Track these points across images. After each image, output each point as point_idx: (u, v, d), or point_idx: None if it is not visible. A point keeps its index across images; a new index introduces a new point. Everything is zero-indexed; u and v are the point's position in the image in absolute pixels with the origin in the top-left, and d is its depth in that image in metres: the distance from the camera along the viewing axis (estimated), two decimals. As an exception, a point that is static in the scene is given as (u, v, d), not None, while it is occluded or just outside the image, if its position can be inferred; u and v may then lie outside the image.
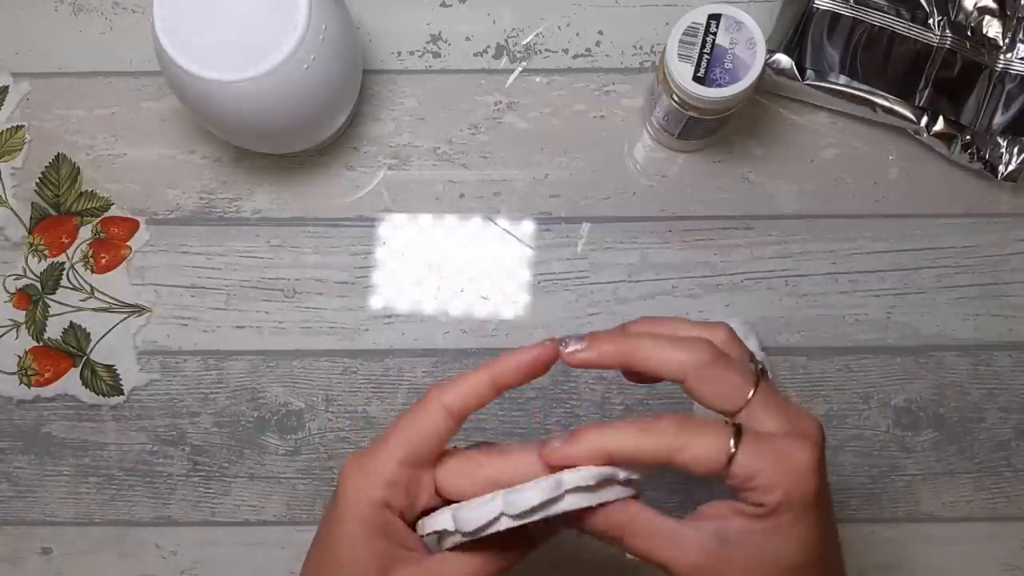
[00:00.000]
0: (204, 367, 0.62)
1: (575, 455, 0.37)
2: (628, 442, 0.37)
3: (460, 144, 0.63)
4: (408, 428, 0.40)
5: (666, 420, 0.37)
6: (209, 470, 0.61)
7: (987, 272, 0.62)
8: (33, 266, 0.62)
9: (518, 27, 0.63)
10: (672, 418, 0.37)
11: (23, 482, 0.61)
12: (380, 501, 0.39)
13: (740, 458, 0.36)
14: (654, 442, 0.37)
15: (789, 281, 0.62)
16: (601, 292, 0.62)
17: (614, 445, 0.37)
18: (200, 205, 0.62)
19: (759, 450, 0.36)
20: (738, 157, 0.63)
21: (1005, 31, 0.61)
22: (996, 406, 0.61)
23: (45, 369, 0.61)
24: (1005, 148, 0.60)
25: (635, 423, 0.37)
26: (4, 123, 0.63)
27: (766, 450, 0.36)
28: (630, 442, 0.37)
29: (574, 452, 0.37)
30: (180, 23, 0.50)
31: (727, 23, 0.54)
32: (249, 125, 0.54)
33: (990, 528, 0.61)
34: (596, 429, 0.38)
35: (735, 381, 0.38)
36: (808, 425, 0.38)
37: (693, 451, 0.36)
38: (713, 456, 0.36)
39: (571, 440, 0.37)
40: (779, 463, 0.36)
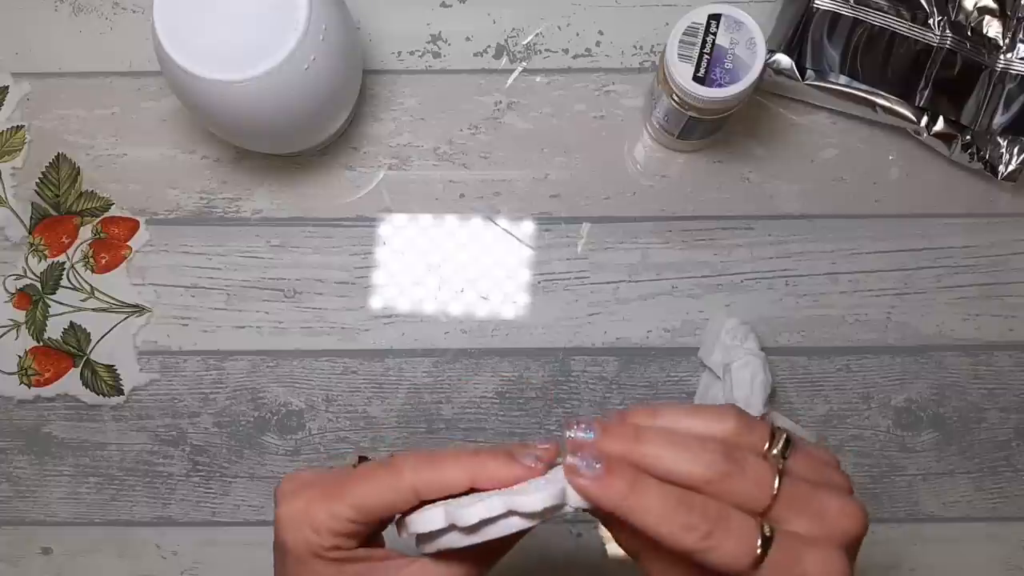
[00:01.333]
0: (204, 367, 0.62)
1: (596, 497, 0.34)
2: (654, 523, 0.34)
3: (460, 144, 0.63)
4: (370, 495, 0.37)
5: (699, 514, 0.33)
6: (209, 470, 0.61)
7: (987, 272, 0.62)
8: (33, 266, 0.62)
9: (518, 27, 0.63)
10: (702, 516, 0.33)
11: (23, 482, 0.61)
12: (331, 548, 0.37)
13: (764, 572, 0.33)
14: (680, 538, 0.33)
15: (789, 281, 0.62)
16: (601, 292, 0.62)
17: (639, 517, 0.34)
18: (200, 205, 0.62)
19: (785, 566, 0.34)
20: (738, 157, 0.63)
21: (1005, 31, 0.61)
22: (996, 406, 0.61)
23: (45, 369, 0.61)
24: (1005, 148, 0.60)
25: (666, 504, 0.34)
26: (4, 123, 0.63)
27: (792, 567, 0.34)
28: (656, 524, 0.34)
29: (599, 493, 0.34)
30: (180, 23, 0.50)
31: (727, 23, 0.54)
32: (249, 125, 0.54)
33: (990, 528, 0.61)
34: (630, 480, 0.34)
35: (749, 491, 0.34)
36: (848, 525, 0.35)
37: (714, 558, 0.33)
38: (736, 564, 0.33)
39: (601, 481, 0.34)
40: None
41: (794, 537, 0.34)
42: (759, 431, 0.36)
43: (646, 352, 0.62)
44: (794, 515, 0.35)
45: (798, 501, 0.35)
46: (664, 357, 0.62)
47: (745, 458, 0.35)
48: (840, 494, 0.36)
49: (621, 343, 0.61)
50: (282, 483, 0.39)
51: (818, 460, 0.37)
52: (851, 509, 0.35)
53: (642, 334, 0.62)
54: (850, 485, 0.37)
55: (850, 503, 0.35)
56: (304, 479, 0.39)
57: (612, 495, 0.34)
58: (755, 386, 0.57)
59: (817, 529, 0.35)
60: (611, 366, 0.61)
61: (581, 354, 0.61)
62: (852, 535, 0.35)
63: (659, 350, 0.62)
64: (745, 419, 0.37)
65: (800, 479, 0.35)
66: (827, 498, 0.35)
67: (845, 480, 0.37)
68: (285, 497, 0.38)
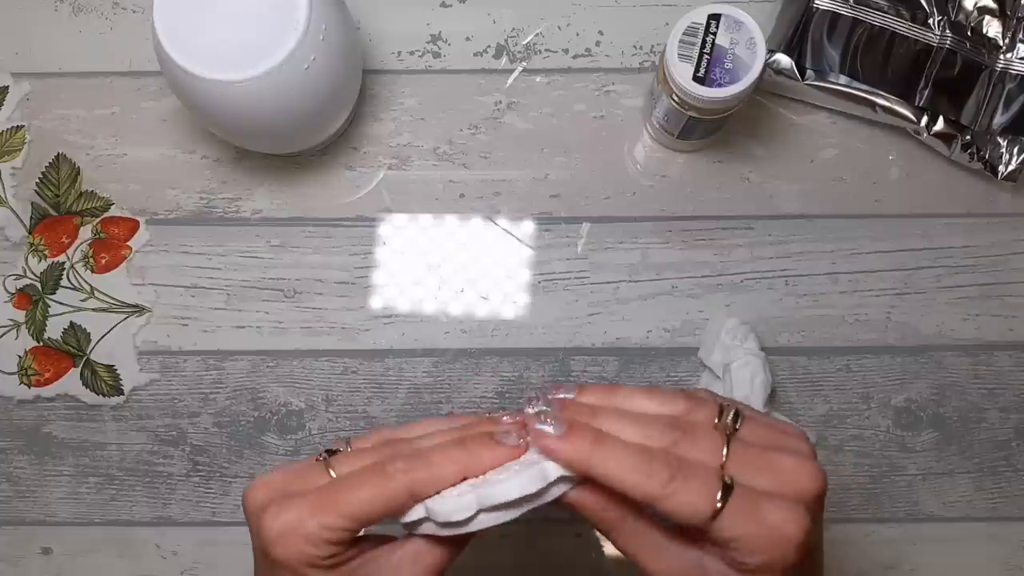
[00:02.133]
0: (204, 367, 0.62)
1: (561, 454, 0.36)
2: (617, 471, 0.35)
3: (460, 144, 0.63)
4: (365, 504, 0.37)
5: (660, 462, 0.35)
6: (209, 470, 0.61)
7: (987, 272, 0.62)
8: (33, 266, 0.62)
9: (518, 27, 0.63)
10: (664, 463, 0.35)
11: (23, 482, 0.61)
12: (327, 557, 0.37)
13: (724, 520, 0.34)
14: (643, 485, 0.35)
15: (789, 281, 0.62)
16: (601, 292, 0.62)
17: (602, 468, 0.35)
18: (200, 205, 0.62)
19: (744, 514, 0.35)
20: (738, 157, 0.63)
21: (1005, 31, 0.61)
22: (996, 406, 0.61)
23: (45, 369, 0.61)
24: (1005, 148, 0.60)
25: (628, 455, 0.35)
26: (4, 123, 0.63)
27: (752, 515, 0.35)
28: (619, 473, 0.35)
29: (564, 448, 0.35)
30: (180, 23, 0.50)
31: (727, 23, 0.54)
32: (249, 125, 0.54)
33: (990, 528, 0.61)
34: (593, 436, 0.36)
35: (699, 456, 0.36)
36: (805, 482, 0.36)
37: (677, 502, 0.34)
38: (697, 512, 0.34)
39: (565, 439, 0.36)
40: (764, 531, 0.35)
41: (753, 492, 0.35)
42: (708, 407, 0.38)
43: (646, 352, 0.62)
44: (747, 473, 0.35)
45: (749, 461, 0.36)
46: (664, 357, 0.62)
47: (694, 428, 0.37)
48: (794, 455, 0.36)
49: (621, 343, 0.61)
50: (254, 491, 0.38)
51: (772, 428, 0.38)
52: (807, 467, 0.36)
53: (642, 334, 0.62)
54: (812, 451, 0.38)
55: (805, 462, 0.36)
56: (278, 486, 0.38)
57: (577, 449, 0.35)
58: (755, 386, 0.57)
59: (774, 485, 0.35)
60: (611, 366, 0.61)
61: (581, 354, 0.61)
62: (810, 492, 0.36)
63: (659, 350, 0.62)
64: (694, 399, 0.38)
65: (751, 444, 0.37)
66: (780, 457, 0.36)
67: (805, 446, 0.38)
68: (267, 510, 0.37)
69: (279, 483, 0.38)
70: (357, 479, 0.37)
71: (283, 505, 0.37)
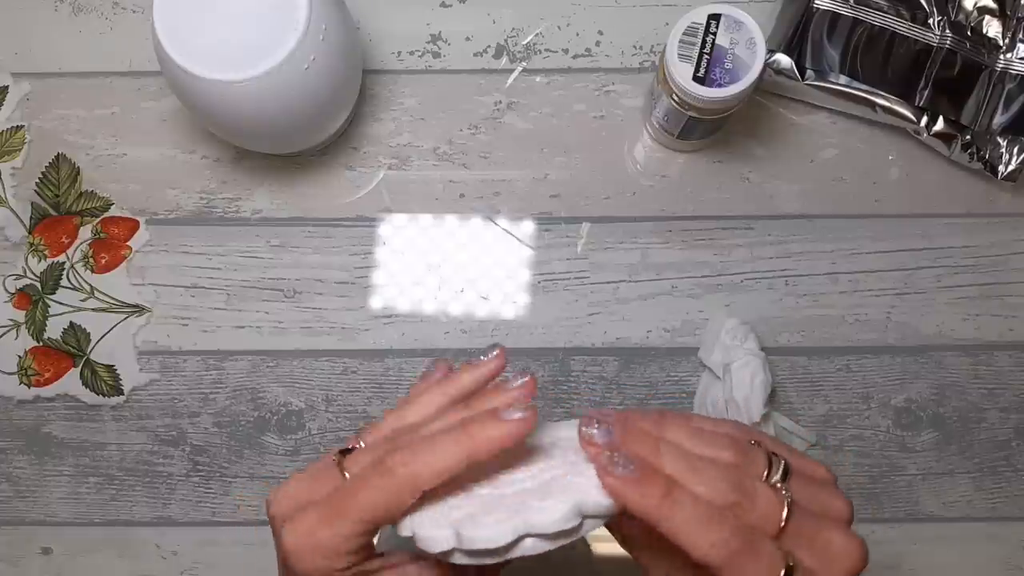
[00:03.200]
0: (204, 367, 0.62)
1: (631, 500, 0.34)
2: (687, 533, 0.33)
3: (460, 144, 0.63)
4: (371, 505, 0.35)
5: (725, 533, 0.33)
6: (209, 470, 0.61)
7: (987, 272, 0.62)
8: (33, 266, 0.62)
9: (518, 27, 0.63)
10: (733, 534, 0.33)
11: (23, 482, 0.61)
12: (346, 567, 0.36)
13: None
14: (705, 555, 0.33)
15: (789, 281, 0.62)
16: (601, 292, 0.62)
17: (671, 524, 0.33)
18: (200, 205, 0.62)
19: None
20: (738, 157, 0.63)
21: (1005, 31, 0.61)
22: (996, 406, 0.61)
23: (45, 369, 0.61)
24: (1005, 148, 0.60)
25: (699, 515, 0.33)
26: (4, 123, 0.63)
27: None
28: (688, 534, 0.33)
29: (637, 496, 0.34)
30: (180, 23, 0.50)
31: (727, 23, 0.54)
32: (249, 125, 0.54)
33: (990, 528, 0.61)
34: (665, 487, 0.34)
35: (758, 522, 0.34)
36: (852, 563, 0.35)
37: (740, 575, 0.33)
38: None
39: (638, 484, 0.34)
40: None
41: (807, 572, 0.34)
42: (758, 459, 0.36)
43: (646, 352, 0.62)
44: (799, 549, 0.35)
45: (805, 535, 0.35)
46: (664, 357, 0.61)
47: (755, 488, 0.35)
48: (842, 529, 0.36)
49: (621, 343, 0.61)
50: (276, 502, 0.38)
51: (816, 483, 0.37)
52: (853, 547, 0.35)
53: (642, 334, 0.62)
54: (850, 511, 0.37)
55: (852, 541, 0.35)
56: (296, 496, 0.37)
57: (647, 499, 0.34)
58: (755, 386, 0.57)
59: (823, 567, 0.35)
60: (611, 366, 0.61)
61: (581, 354, 0.61)
62: (855, 572, 0.35)
63: (659, 350, 0.62)
64: (742, 448, 0.36)
65: (805, 511, 0.35)
66: (831, 534, 0.35)
67: (845, 505, 0.37)
68: (285, 523, 0.36)
69: (298, 491, 0.38)
70: (361, 481, 0.36)
71: (298, 519, 0.36)
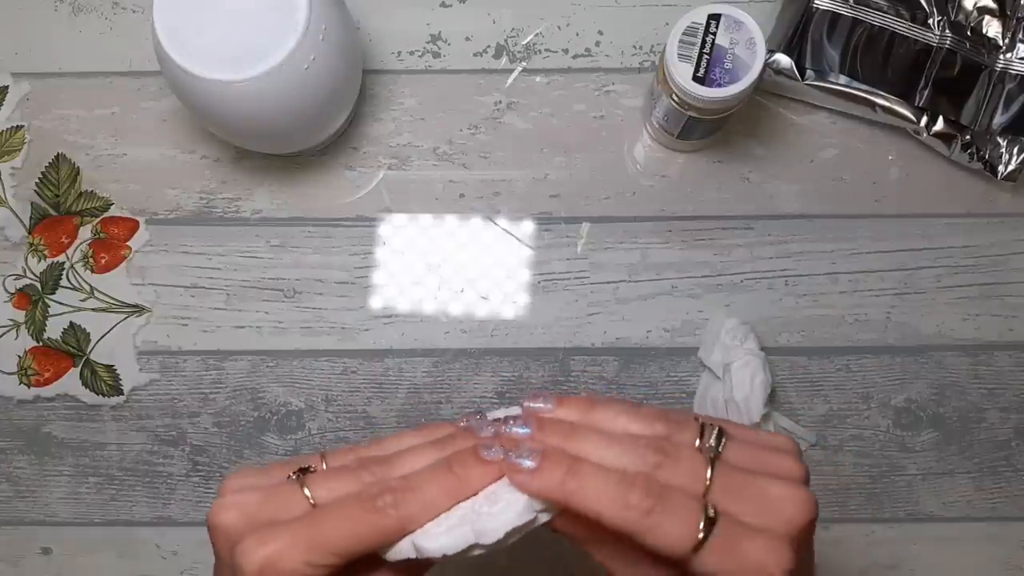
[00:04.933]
0: (204, 367, 0.62)
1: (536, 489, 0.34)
2: (595, 503, 0.33)
3: (460, 144, 0.63)
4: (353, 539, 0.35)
5: (640, 491, 0.33)
6: (209, 470, 0.61)
7: (987, 272, 0.62)
8: (33, 266, 0.62)
9: (518, 27, 0.63)
10: (645, 493, 0.33)
11: (23, 482, 0.61)
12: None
13: (704, 555, 0.33)
14: (621, 516, 0.33)
15: (789, 281, 0.62)
16: (601, 292, 0.62)
17: (578, 499, 0.34)
18: (200, 205, 0.62)
19: (725, 550, 0.33)
20: (738, 157, 0.63)
21: (1005, 31, 0.61)
22: (996, 406, 0.61)
23: (45, 369, 0.61)
24: (1005, 148, 0.60)
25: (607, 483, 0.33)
26: (4, 123, 0.63)
27: (733, 551, 0.33)
28: (596, 504, 0.33)
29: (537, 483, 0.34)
30: (180, 23, 0.50)
31: (727, 23, 0.54)
32: (249, 125, 0.54)
33: (990, 528, 0.61)
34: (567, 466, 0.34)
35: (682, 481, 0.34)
36: (792, 512, 0.34)
37: (657, 535, 0.33)
38: (678, 545, 0.33)
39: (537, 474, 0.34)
40: (744, 569, 0.33)
41: (737, 524, 0.33)
42: (689, 427, 0.36)
43: (646, 352, 0.62)
44: (732, 502, 0.34)
45: (733, 488, 0.34)
46: (664, 357, 0.62)
47: (678, 450, 0.35)
48: (784, 481, 0.35)
49: (621, 343, 0.61)
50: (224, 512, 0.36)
51: (760, 447, 0.36)
52: (795, 495, 0.34)
53: (642, 334, 0.62)
54: (802, 473, 0.36)
55: (793, 489, 0.34)
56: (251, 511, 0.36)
57: (550, 482, 0.34)
58: (755, 386, 0.57)
59: (759, 516, 0.34)
60: (611, 366, 0.61)
61: (581, 354, 0.61)
62: (797, 523, 0.34)
63: (659, 350, 0.62)
64: (673, 419, 0.36)
65: (736, 468, 0.35)
66: (767, 484, 0.34)
67: (796, 467, 0.36)
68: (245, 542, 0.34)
69: (252, 507, 0.36)
70: (343, 513, 0.35)
71: (263, 537, 0.34)
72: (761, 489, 0.34)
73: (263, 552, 0.34)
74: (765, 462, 0.36)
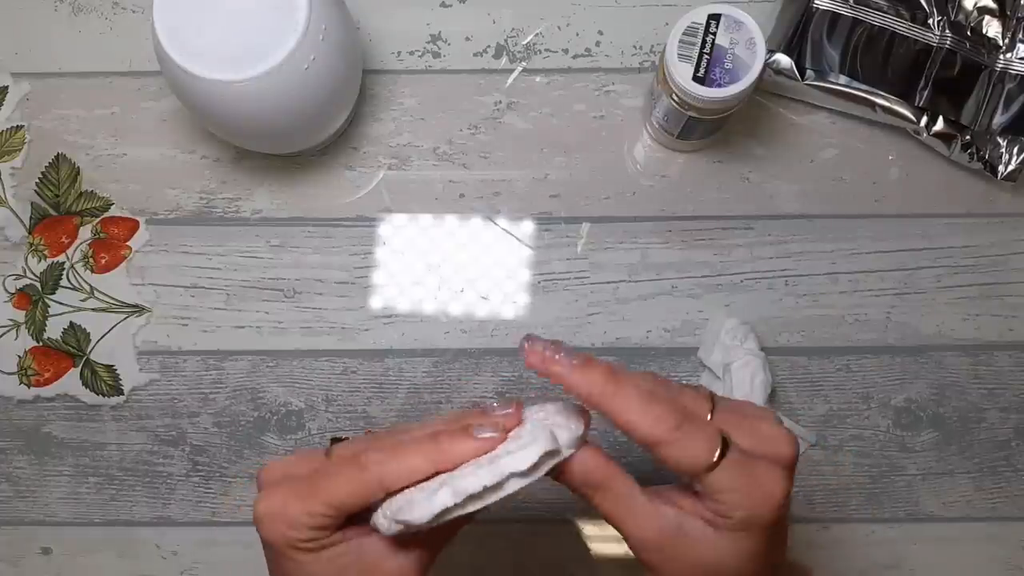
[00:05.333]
0: (204, 367, 0.62)
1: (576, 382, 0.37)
2: (629, 409, 0.36)
3: (460, 144, 0.63)
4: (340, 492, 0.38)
5: (666, 409, 0.36)
6: (209, 470, 0.61)
7: (987, 272, 0.62)
8: (33, 266, 0.62)
9: (518, 27, 0.63)
10: (673, 410, 0.37)
11: (23, 482, 0.61)
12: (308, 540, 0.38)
13: (719, 472, 0.36)
14: (652, 426, 0.36)
15: (789, 281, 0.62)
16: (601, 292, 0.62)
17: (615, 402, 0.37)
18: (200, 205, 0.62)
19: (738, 469, 0.37)
20: (738, 157, 0.63)
21: (1005, 31, 0.61)
22: (996, 406, 0.61)
23: (45, 369, 0.61)
24: (1005, 148, 0.60)
25: (641, 395, 0.37)
26: (4, 123, 0.63)
27: (744, 471, 0.37)
28: (630, 411, 0.36)
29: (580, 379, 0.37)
30: (180, 23, 0.50)
31: (727, 23, 0.54)
32: (249, 125, 0.54)
33: (990, 528, 0.61)
34: (608, 371, 0.37)
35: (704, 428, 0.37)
36: (783, 446, 0.38)
37: (680, 448, 0.36)
38: (699, 461, 0.36)
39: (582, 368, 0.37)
40: (753, 488, 0.37)
41: (744, 449, 0.37)
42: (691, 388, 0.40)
43: (646, 352, 0.62)
44: (733, 433, 0.38)
45: (734, 423, 0.38)
46: (664, 357, 0.62)
47: (682, 388, 0.39)
48: (767, 421, 0.39)
49: (621, 343, 0.61)
50: (264, 471, 0.40)
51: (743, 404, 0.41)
52: (783, 433, 0.39)
53: (642, 334, 0.62)
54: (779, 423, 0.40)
55: (781, 428, 0.39)
56: (281, 471, 0.40)
57: (592, 381, 0.37)
58: (755, 386, 0.57)
59: (758, 447, 0.38)
60: (611, 366, 0.61)
61: (581, 354, 0.61)
62: (788, 456, 0.38)
63: (659, 350, 0.62)
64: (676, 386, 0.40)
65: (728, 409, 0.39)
66: (757, 422, 0.39)
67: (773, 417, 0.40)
68: (263, 491, 0.39)
69: (284, 467, 0.40)
70: (336, 470, 0.38)
71: (272, 489, 0.39)
72: (754, 425, 0.38)
73: (268, 501, 0.38)
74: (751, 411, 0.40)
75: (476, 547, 0.59)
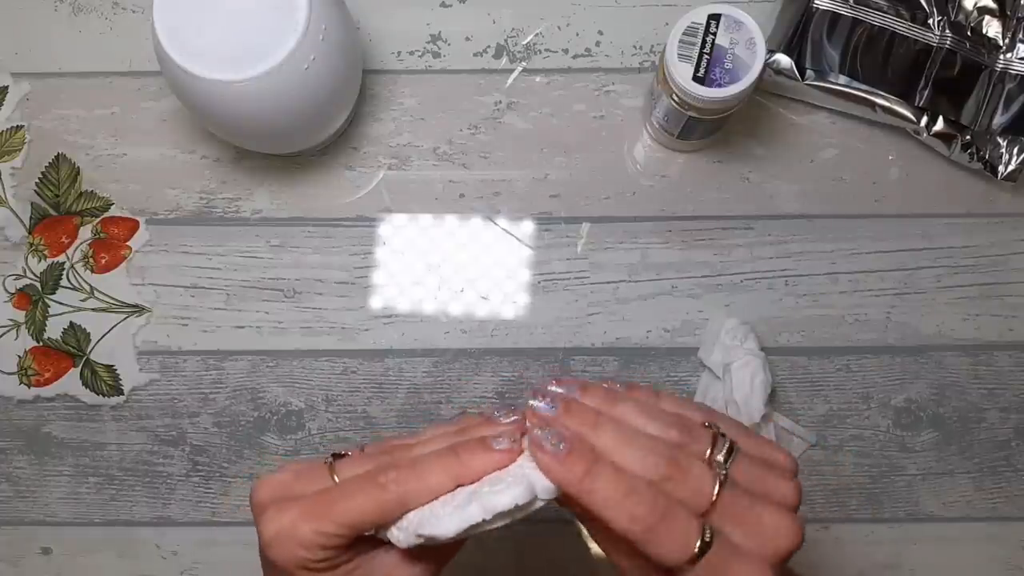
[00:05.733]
0: (204, 367, 0.62)
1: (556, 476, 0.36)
2: (604, 506, 0.35)
3: (460, 144, 0.63)
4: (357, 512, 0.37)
5: (647, 505, 0.35)
6: (209, 470, 0.61)
7: (987, 272, 0.62)
8: (33, 266, 0.62)
9: (518, 27, 0.63)
10: (653, 503, 0.35)
11: (23, 482, 0.61)
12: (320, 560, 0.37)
13: (696, 570, 0.35)
14: (625, 524, 0.35)
15: (789, 281, 0.62)
16: (601, 292, 0.62)
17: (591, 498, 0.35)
18: (200, 205, 0.62)
19: (716, 570, 0.35)
20: (738, 157, 0.63)
21: (1005, 31, 0.61)
22: (996, 406, 0.61)
23: (45, 369, 0.61)
24: (1005, 148, 0.60)
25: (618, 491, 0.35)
26: (4, 123, 0.63)
27: (723, 573, 0.35)
28: (605, 508, 0.35)
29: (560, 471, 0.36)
30: (180, 23, 0.50)
31: (727, 23, 0.54)
32: (249, 125, 0.54)
33: (990, 528, 0.61)
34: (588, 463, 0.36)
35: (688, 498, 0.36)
36: (781, 541, 0.37)
37: (653, 549, 0.35)
38: (671, 559, 0.35)
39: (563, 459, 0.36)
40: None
41: (729, 546, 0.36)
42: (702, 439, 0.38)
43: (646, 352, 0.62)
44: (729, 525, 0.36)
45: (734, 513, 0.36)
46: (664, 357, 0.62)
47: (690, 464, 0.36)
48: (778, 509, 0.37)
49: (621, 343, 0.61)
50: (258, 490, 0.39)
51: (766, 466, 0.38)
52: (786, 525, 0.37)
53: (642, 334, 0.62)
54: (796, 499, 0.38)
55: (786, 519, 0.37)
56: (281, 487, 0.39)
57: (570, 475, 0.36)
58: (755, 386, 0.57)
59: (750, 542, 0.36)
60: (611, 366, 0.61)
61: (581, 354, 0.61)
62: (783, 551, 0.37)
63: (659, 350, 0.62)
64: (688, 426, 0.38)
65: (740, 490, 0.37)
66: (764, 513, 0.37)
67: (791, 489, 0.38)
68: (266, 512, 0.38)
69: (283, 483, 0.39)
70: (352, 487, 0.37)
71: (281, 508, 0.37)
72: (758, 515, 0.36)
73: (278, 521, 0.37)
74: (766, 483, 0.38)
75: (476, 547, 0.59)
